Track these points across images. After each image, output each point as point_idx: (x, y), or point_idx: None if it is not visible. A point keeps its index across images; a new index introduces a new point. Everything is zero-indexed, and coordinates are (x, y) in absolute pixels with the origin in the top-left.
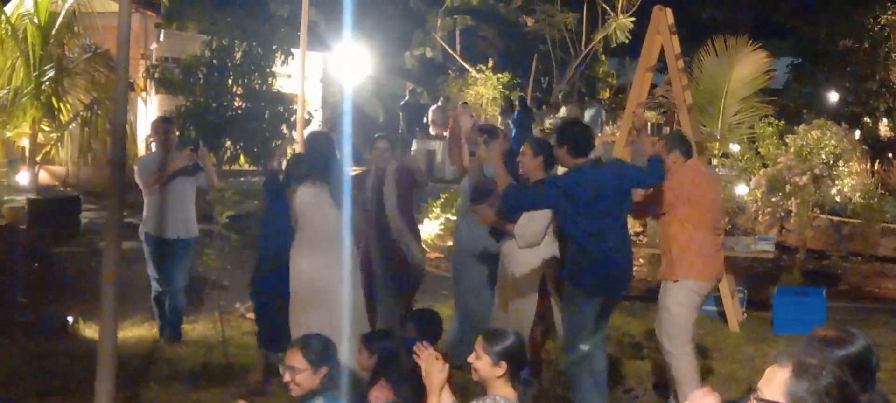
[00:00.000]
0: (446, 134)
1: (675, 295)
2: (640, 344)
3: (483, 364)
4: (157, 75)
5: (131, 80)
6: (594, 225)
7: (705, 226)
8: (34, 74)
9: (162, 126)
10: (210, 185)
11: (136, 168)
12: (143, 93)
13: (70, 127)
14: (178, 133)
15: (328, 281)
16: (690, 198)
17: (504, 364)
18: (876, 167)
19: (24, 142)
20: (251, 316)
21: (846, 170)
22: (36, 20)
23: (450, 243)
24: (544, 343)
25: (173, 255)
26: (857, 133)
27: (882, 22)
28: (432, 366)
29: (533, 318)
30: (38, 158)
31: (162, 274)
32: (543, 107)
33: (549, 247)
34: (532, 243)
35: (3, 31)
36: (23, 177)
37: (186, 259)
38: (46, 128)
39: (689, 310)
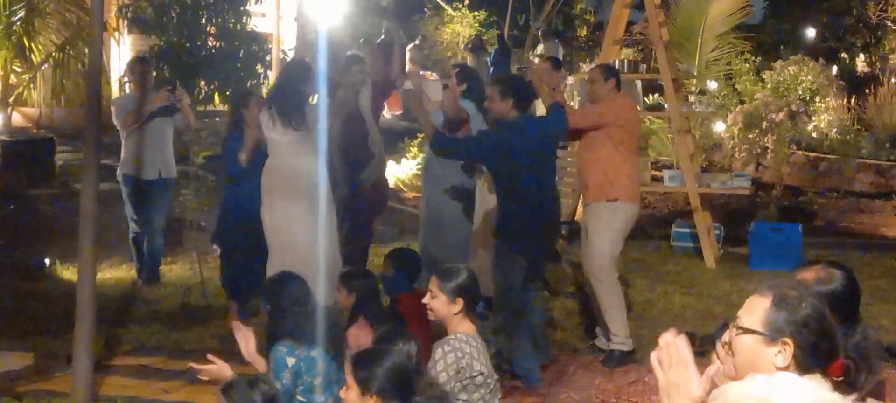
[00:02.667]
0: (424, 73)
1: (606, 218)
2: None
3: (439, 302)
4: (129, 14)
5: (104, 20)
6: (527, 178)
7: (635, 152)
8: (4, 14)
9: (139, 66)
10: (187, 125)
11: (112, 109)
12: (116, 34)
13: (42, 68)
14: (153, 73)
15: (303, 228)
16: (625, 124)
17: (460, 301)
18: (852, 103)
19: None
20: None
21: (823, 105)
22: None
23: None
24: None
25: (152, 196)
26: (834, 69)
27: None
28: None
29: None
30: (11, 100)
31: (140, 216)
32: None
33: None
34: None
35: None
36: None
37: (165, 199)
38: (18, 70)
39: (618, 235)
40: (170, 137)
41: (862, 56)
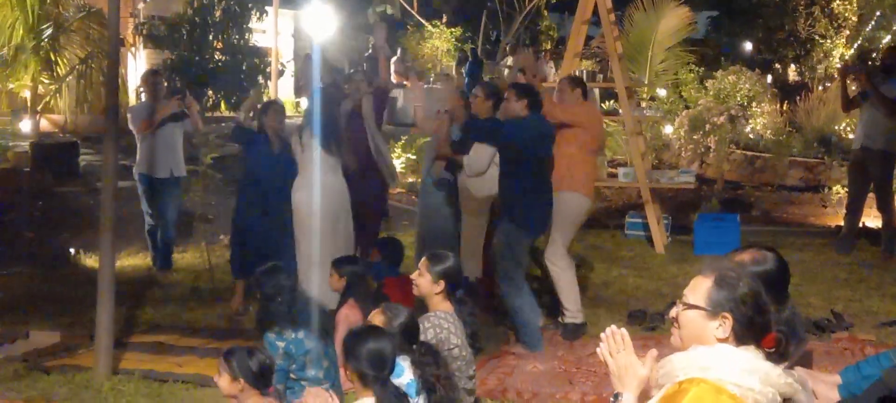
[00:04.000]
0: (405, 82)
1: (561, 208)
2: None
3: (424, 281)
4: (144, 31)
5: (122, 36)
6: (532, 168)
7: (594, 154)
8: (33, 32)
9: (151, 77)
10: (195, 130)
11: (128, 115)
12: (133, 48)
13: (67, 79)
14: (165, 84)
15: (322, 214)
16: (589, 128)
17: (442, 283)
18: (784, 107)
19: (26, 94)
20: None
21: (758, 110)
22: None
23: (410, 179)
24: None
25: (164, 192)
26: (769, 77)
27: None
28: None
29: (483, 240)
30: (39, 108)
31: (154, 210)
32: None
33: (494, 180)
34: (478, 171)
35: None
36: (25, 125)
37: (176, 195)
38: (46, 81)
39: (572, 226)
40: (180, 140)
41: (793, 66)
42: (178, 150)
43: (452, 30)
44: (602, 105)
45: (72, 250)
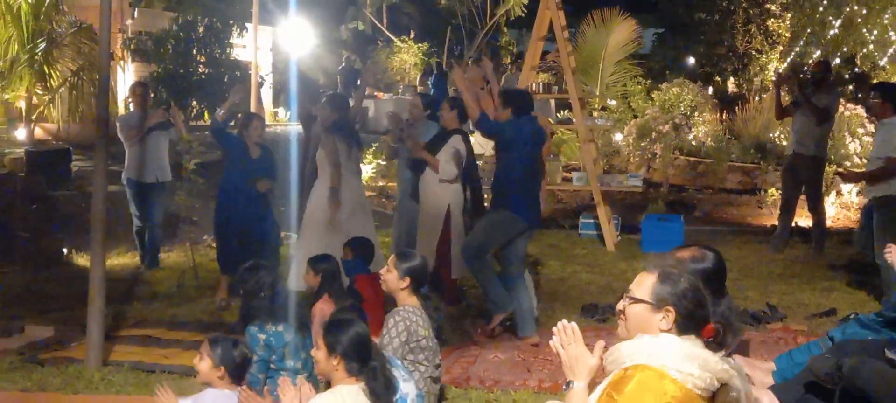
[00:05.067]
0: (376, 93)
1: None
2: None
3: (391, 277)
4: (132, 46)
5: (111, 50)
6: (524, 165)
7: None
8: (28, 46)
9: (139, 89)
10: (180, 138)
11: (118, 124)
12: (122, 62)
13: (60, 90)
14: (152, 95)
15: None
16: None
17: (408, 279)
18: (724, 116)
19: (21, 104)
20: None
21: (700, 119)
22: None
23: (381, 183)
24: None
25: (151, 196)
26: (710, 89)
27: None
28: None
29: (438, 238)
30: (33, 117)
31: (142, 212)
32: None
33: (457, 189)
34: (448, 177)
35: (2, 10)
36: (20, 133)
37: (163, 198)
38: (40, 92)
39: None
40: (165, 148)
41: (732, 79)
42: (164, 157)
43: (419, 45)
44: (557, 115)
45: (64, 250)
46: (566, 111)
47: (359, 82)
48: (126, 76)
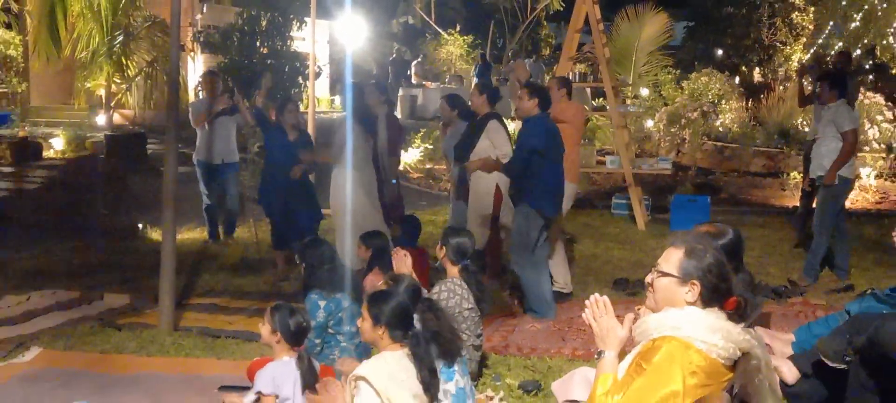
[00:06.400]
0: (425, 82)
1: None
2: None
3: (442, 253)
4: (201, 39)
5: (181, 43)
6: (548, 160)
7: (579, 144)
8: (107, 39)
9: (209, 78)
10: (245, 123)
11: (189, 110)
12: (191, 53)
13: (136, 79)
14: (220, 84)
15: (355, 194)
16: (574, 123)
17: (450, 252)
18: (749, 104)
19: (101, 92)
20: None
21: (727, 107)
22: None
23: (428, 165)
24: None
25: (219, 176)
26: (736, 79)
27: None
28: None
29: (490, 216)
30: (112, 104)
31: (210, 191)
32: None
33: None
34: (504, 154)
35: (84, 6)
36: (101, 119)
37: (232, 177)
38: (118, 81)
39: (564, 206)
40: (233, 132)
41: (757, 69)
42: (231, 140)
43: (464, 38)
44: (592, 102)
45: (139, 225)
46: (601, 99)
47: (408, 72)
48: (196, 66)
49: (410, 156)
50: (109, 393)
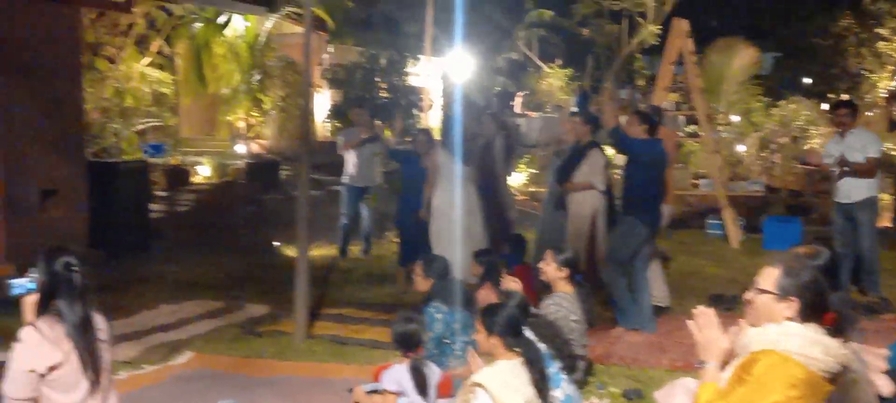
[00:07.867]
0: (528, 112)
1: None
2: None
3: (550, 268)
4: (328, 76)
5: (311, 80)
6: (653, 177)
7: (671, 167)
8: (246, 78)
9: (358, 110)
10: (382, 151)
11: (339, 138)
12: (319, 89)
13: (271, 113)
14: (368, 115)
15: (455, 214)
16: (666, 147)
17: (565, 270)
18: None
19: (241, 124)
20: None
21: (816, 132)
22: (246, 40)
23: (531, 189)
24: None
25: (362, 198)
26: (824, 106)
27: (842, 24)
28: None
29: (586, 240)
30: (251, 135)
31: (349, 212)
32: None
33: (598, 195)
34: (600, 186)
35: (226, 49)
36: (241, 148)
37: (370, 199)
38: (255, 114)
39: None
40: (376, 158)
41: (844, 96)
42: (374, 166)
43: (565, 71)
44: (686, 129)
45: (276, 243)
46: (694, 126)
47: (511, 103)
48: (323, 100)
49: (515, 180)
50: (251, 393)
